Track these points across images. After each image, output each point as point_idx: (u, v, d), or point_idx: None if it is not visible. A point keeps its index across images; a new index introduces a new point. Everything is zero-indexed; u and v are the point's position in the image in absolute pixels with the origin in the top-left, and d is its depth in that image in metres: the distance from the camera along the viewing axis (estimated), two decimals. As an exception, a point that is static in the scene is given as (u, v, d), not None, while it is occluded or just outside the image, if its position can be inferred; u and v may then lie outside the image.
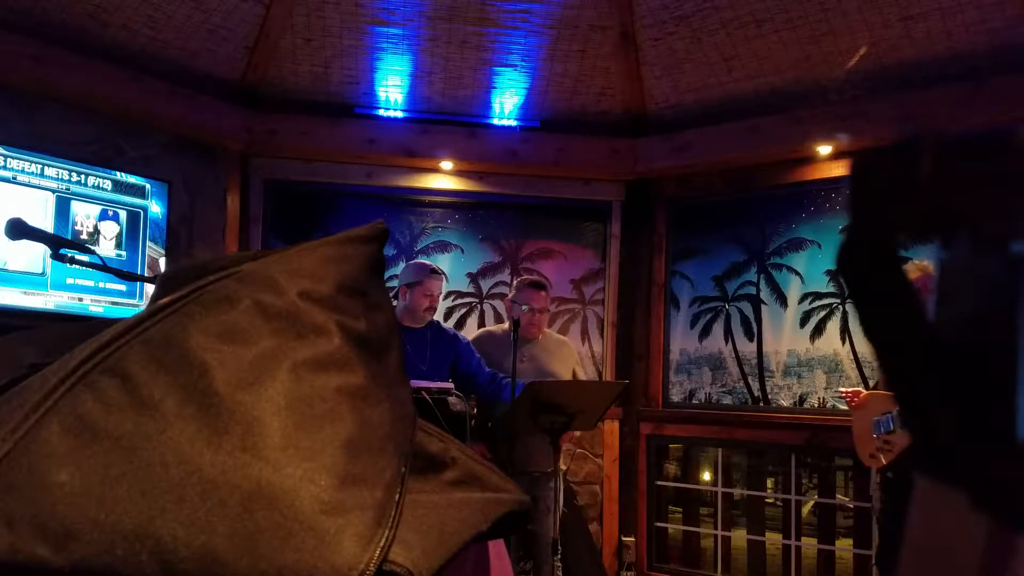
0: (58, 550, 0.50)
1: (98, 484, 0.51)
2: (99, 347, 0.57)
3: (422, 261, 4.08)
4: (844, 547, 4.24)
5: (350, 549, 0.53)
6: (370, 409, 0.61)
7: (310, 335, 0.60)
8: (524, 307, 3.48)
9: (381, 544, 0.54)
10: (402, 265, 4.00)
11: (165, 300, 0.63)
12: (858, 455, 3.36)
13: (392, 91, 4.76)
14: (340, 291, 0.64)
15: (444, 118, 4.82)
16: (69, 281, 3.73)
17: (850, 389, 3.43)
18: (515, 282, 3.87)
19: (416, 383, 3.16)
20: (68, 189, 3.78)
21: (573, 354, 3.90)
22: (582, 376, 3.90)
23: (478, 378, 3.56)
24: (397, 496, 0.59)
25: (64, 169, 3.77)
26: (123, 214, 3.97)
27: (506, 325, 3.88)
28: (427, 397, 3.06)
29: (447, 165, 4.83)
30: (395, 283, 3.78)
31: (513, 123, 4.87)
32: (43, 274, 3.65)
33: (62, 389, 0.55)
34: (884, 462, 3.22)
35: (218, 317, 0.59)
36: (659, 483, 4.87)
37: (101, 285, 3.85)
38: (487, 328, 4.15)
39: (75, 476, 0.51)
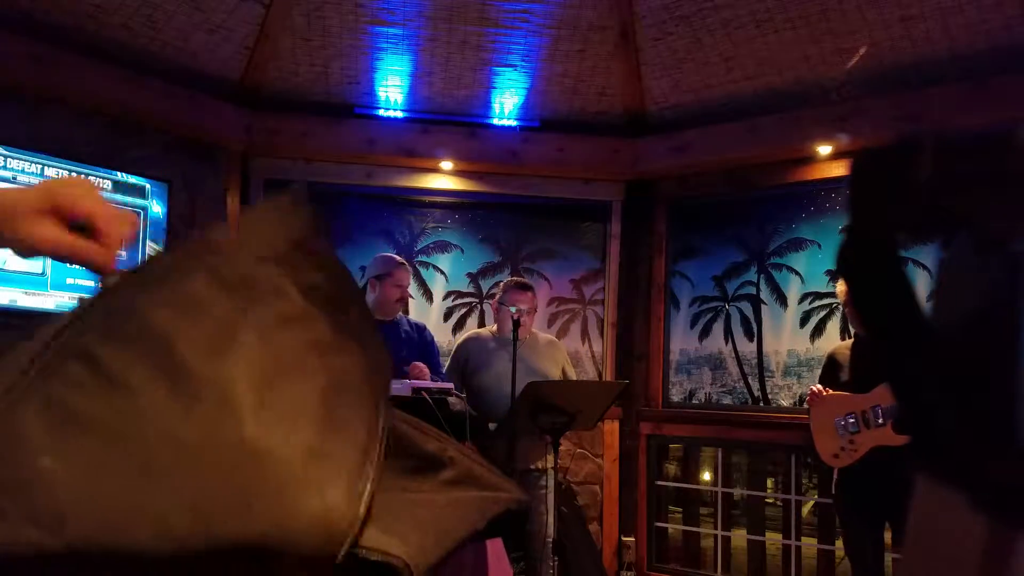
0: (53, 534, 0.50)
1: (82, 466, 0.52)
2: (58, 330, 0.57)
3: (388, 254, 4.05)
4: (844, 547, 4.24)
5: (340, 491, 0.54)
6: (340, 359, 0.61)
7: (268, 296, 0.60)
8: (512, 308, 3.48)
9: (368, 484, 0.55)
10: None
11: (116, 275, 0.63)
12: (819, 454, 3.39)
13: (392, 91, 4.76)
14: (292, 249, 0.64)
15: (444, 118, 4.82)
16: (69, 281, 3.73)
17: (815, 387, 3.44)
18: (501, 284, 3.86)
19: (416, 383, 3.16)
20: (68, 189, 3.78)
21: (562, 353, 3.89)
22: (572, 374, 3.89)
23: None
24: (378, 438, 0.59)
25: (64, 169, 3.77)
26: (123, 214, 3.96)
27: (493, 327, 3.87)
28: (427, 397, 3.06)
29: (447, 165, 4.83)
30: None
31: (513, 123, 4.87)
32: (43, 274, 3.65)
33: (28, 377, 0.55)
34: (848, 461, 3.27)
35: (172, 287, 0.59)
36: (659, 483, 4.87)
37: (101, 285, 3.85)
38: (474, 330, 4.14)
39: (57, 460, 0.52)
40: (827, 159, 4.34)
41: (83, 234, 0.69)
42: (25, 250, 0.67)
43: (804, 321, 4.47)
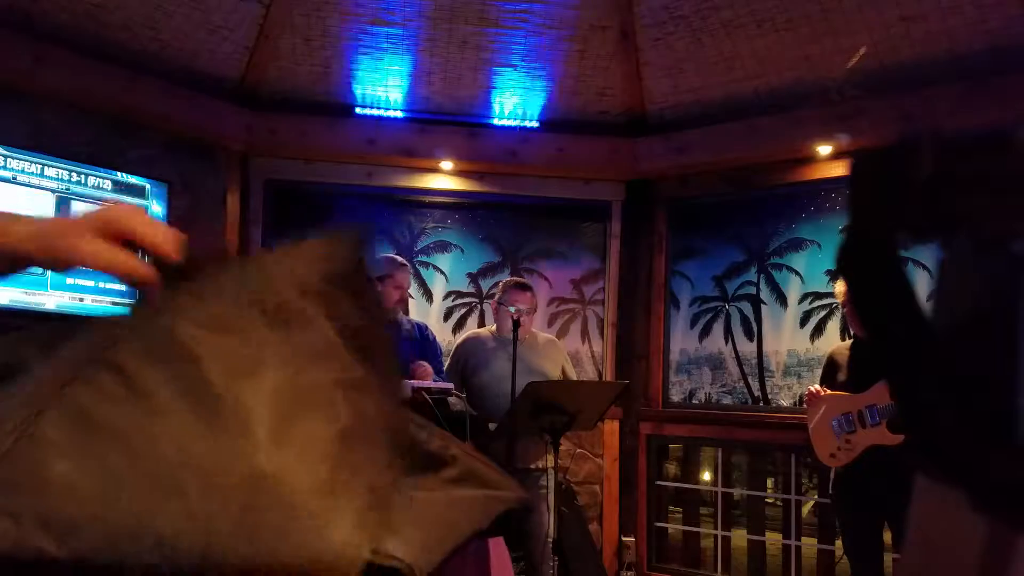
0: (61, 544, 0.50)
1: (98, 477, 0.52)
2: (95, 342, 0.58)
3: (390, 254, 4.06)
4: (844, 547, 4.24)
5: (346, 531, 0.53)
6: (364, 400, 0.61)
7: (302, 328, 0.61)
8: (512, 308, 3.47)
9: (376, 527, 0.55)
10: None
11: (158, 294, 0.64)
12: (816, 454, 3.41)
13: (392, 91, 4.76)
14: (331, 286, 0.65)
15: (444, 118, 4.82)
16: (69, 281, 3.73)
17: (813, 387, 3.46)
18: (501, 284, 3.85)
19: (416, 383, 3.16)
20: (68, 189, 3.78)
21: (562, 352, 3.88)
22: (572, 374, 3.89)
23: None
24: (392, 483, 0.59)
25: (64, 169, 3.77)
26: (123, 214, 3.96)
27: (493, 327, 3.86)
28: (427, 398, 3.06)
29: (447, 165, 4.83)
30: None
31: (513, 123, 4.87)
32: (43, 274, 3.65)
33: (61, 385, 0.56)
34: (845, 461, 3.28)
35: (209, 309, 0.60)
36: (659, 483, 4.87)
37: (101, 285, 3.86)
38: (473, 330, 4.13)
39: (75, 469, 0.52)
40: (827, 159, 4.34)
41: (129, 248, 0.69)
42: (61, 263, 0.68)
43: (804, 321, 4.47)
